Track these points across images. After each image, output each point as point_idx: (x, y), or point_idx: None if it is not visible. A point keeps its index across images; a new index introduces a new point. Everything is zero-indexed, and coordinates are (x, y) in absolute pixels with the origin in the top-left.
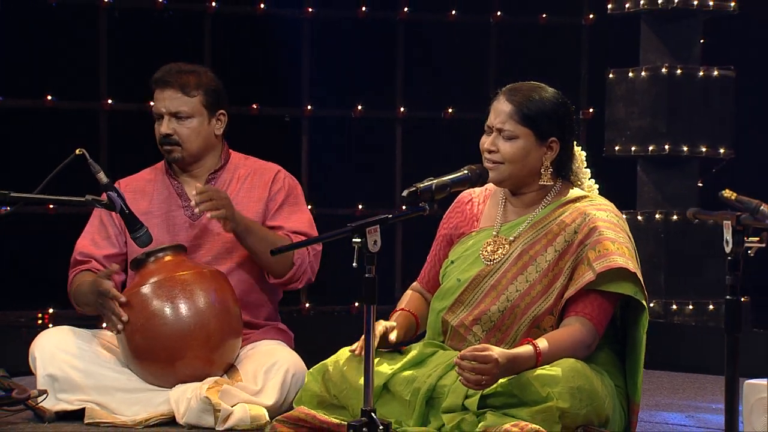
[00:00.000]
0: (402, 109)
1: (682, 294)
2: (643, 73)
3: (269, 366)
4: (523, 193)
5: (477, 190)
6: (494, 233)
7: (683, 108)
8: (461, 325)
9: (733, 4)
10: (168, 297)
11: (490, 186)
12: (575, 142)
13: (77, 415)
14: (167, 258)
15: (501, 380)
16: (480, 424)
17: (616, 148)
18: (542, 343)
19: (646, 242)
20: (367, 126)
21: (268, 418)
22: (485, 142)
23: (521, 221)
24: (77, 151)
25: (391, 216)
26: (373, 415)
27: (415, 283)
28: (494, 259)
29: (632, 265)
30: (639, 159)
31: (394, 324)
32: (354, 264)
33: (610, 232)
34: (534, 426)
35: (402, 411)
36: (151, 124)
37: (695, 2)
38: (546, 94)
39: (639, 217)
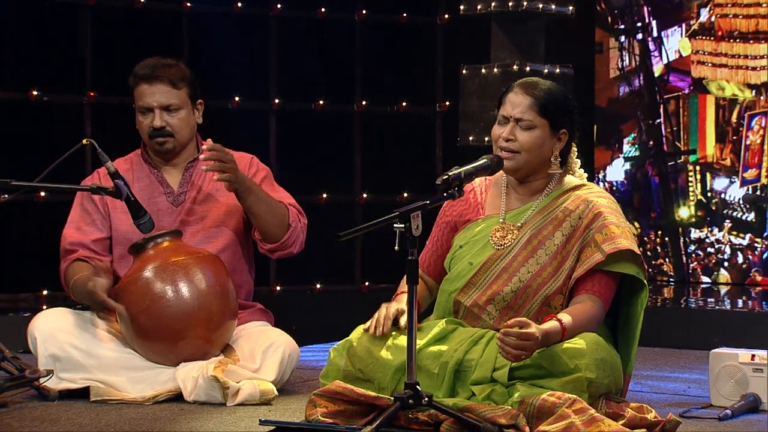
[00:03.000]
0: (276, 101)
1: None
2: (495, 70)
3: (266, 346)
4: (530, 181)
5: (477, 180)
6: (501, 220)
7: None
8: (475, 305)
9: (571, 7)
10: (171, 280)
11: (489, 176)
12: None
13: (80, 393)
14: (165, 243)
15: None
16: (516, 394)
17: (470, 138)
18: (566, 318)
19: None
20: (243, 117)
21: (276, 393)
22: (502, 132)
23: (526, 208)
24: (84, 141)
25: (429, 202)
26: (417, 387)
27: None
28: (504, 244)
29: (635, 247)
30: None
31: (404, 308)
32: (396, 248)
33: (612, 217)
34: (571, 395)
35: (429, 384)
36: (31, 114)
37: (540, 5)
38: (557, 88)
39: None
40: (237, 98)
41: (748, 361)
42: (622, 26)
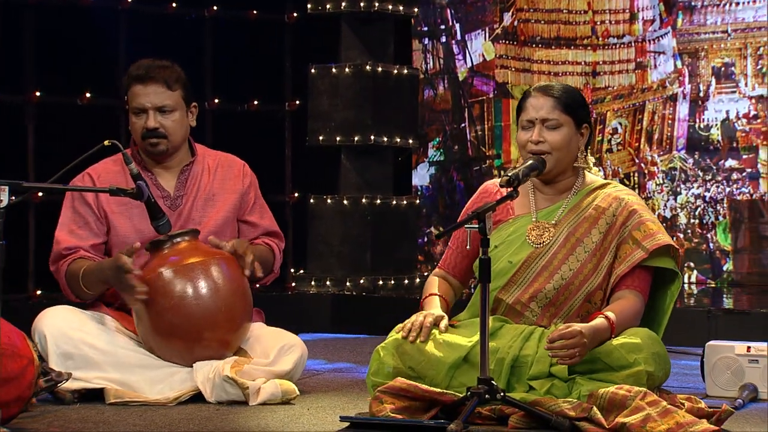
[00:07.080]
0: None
1: (384, 270)
2: (347, 70)
3: (281, 346)
4: (558, 180)
5: (498, 181)
6: (533, 219)
7: (383, 102)
8: (517, 302)
9: (416, 10)
10: (195, 280)
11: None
12: None
13: (94, 394)
14: (184, 243)
15: None
16: (583, 388)
17: (320, 137)
18: (612, 314)
19: (353, 224)
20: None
21: (297, 392)
22: (529, 136)
23: (557, 207)
24: (106, 142)
25: (495, 203)
26: (492, 382)
27: (437, 269)
28: (542, 243)
29: (672, 241)
30: (343, 148)
31: (442, 314)
32: (467, 246)
33: (647, 214)
34: (640, 388)
35: None
36: None
37: (390, 7)
38: (570, 87)
39: (345, 201)
40: (87, 95)
41: (743, 352)
42: (426, 28)
